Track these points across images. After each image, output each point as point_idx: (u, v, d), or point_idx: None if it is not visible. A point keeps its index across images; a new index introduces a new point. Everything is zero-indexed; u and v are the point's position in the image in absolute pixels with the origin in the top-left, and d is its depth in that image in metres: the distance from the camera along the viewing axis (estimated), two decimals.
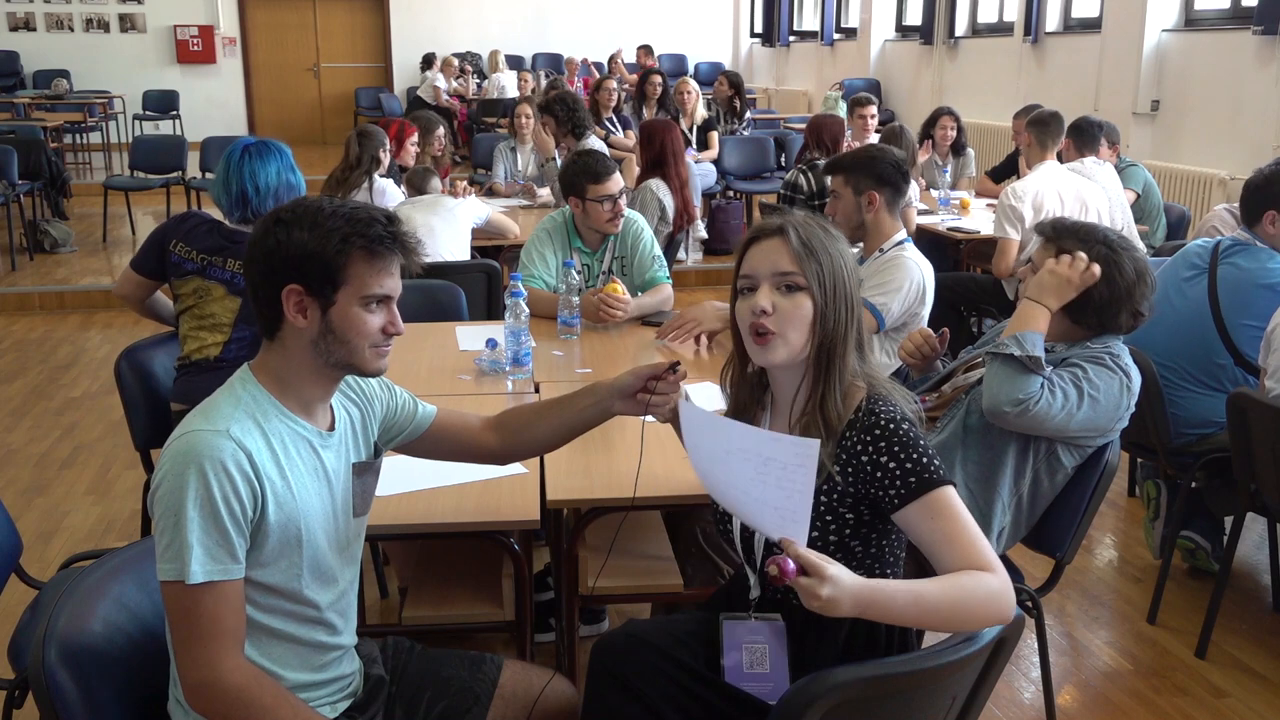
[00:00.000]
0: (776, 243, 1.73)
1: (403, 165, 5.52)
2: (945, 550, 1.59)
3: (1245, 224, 3.31)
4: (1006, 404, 2.27)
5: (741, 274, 1.77)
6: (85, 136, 12.93)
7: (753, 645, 1.74)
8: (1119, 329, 2.41)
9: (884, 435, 1.66)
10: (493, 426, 2.00)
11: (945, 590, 1.54)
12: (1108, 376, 2.32)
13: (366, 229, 1.62)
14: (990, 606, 1.54)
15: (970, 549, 1.59)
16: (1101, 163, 5.11)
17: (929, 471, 1.63)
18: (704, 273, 7.59)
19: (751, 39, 15.52)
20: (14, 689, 2.02)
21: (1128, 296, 2.36)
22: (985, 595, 1.54)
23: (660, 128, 5.50)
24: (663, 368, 1.90)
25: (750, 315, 1.72)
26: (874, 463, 1.66)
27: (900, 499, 1.63)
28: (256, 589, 1.61)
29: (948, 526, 1.60)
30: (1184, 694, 2.89)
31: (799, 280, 1.71)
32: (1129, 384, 2.35)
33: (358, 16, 15.26)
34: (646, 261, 3.64)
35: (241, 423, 1.59)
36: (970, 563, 1.57)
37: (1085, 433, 2.35)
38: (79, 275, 7.59)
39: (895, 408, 1.70)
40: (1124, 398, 2.34)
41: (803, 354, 1.73)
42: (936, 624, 1.55)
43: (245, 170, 2.99)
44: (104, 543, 3.71)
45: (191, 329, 3.12)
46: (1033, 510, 2.44)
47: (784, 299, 1.71)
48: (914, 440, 1.66)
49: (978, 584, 1.55)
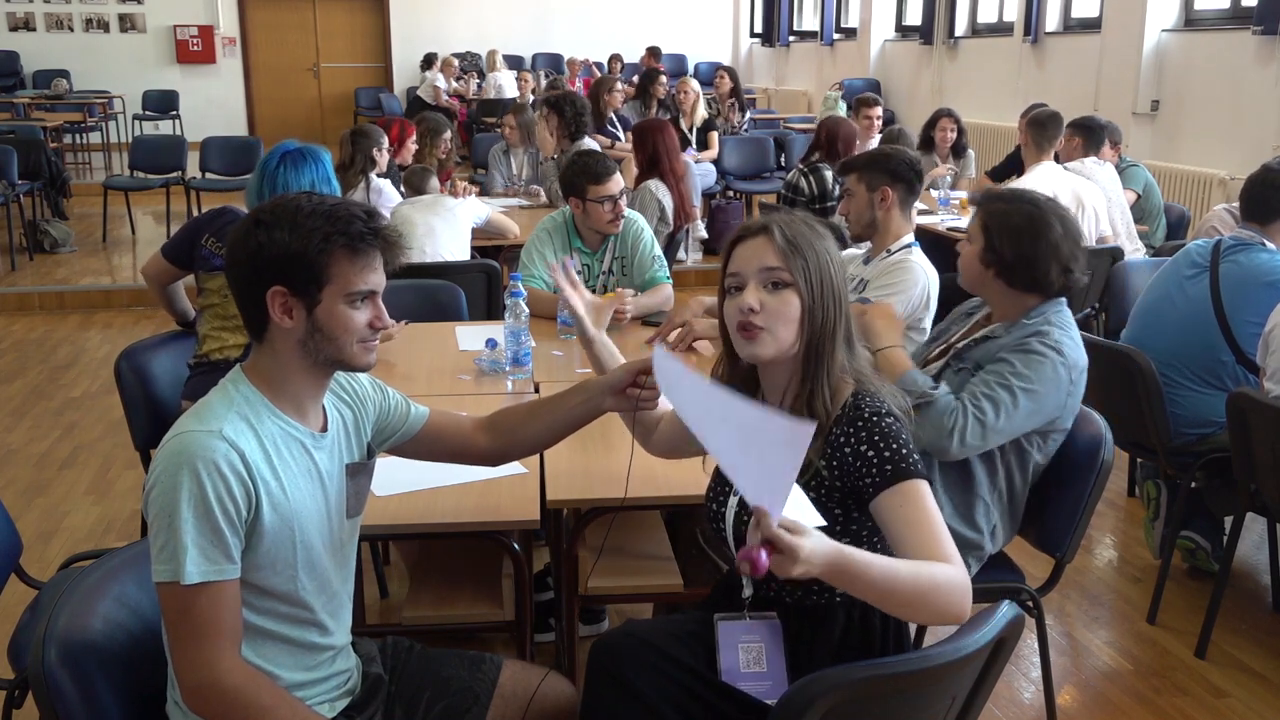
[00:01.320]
0: (762, 241, 1.73)
1: (402, 165, 5.51)
2: (911, 537, 1.59)
3: (1255, 222, 3.29)
4: (941, 445, 2.29)
5: (729, 273, 1.77)
6: (85, 136, 12.92)
7: (748, 644, 1.75)
8: (1051, 286, 2.39)
9: (866, 426, 1.68)
10: (485, 427, 2.00)
11: (916, 574, 1.52)
12: (1038, 363, 2.31)
13: (347, 226, 1.62)
14: (950, 598, 1.53)
15: (934, 540, 1.58)
16: (1102, 163, 5.12)
17: (906, 462, 1.64)
18: (704, 273, 7.58)
19: (751, 39, 15.52)
20: (14, 689, 2.02)
21: (1055, 251, 2.35)
22: (947, 586, 1.53)
23: (652, 128, 5.47)
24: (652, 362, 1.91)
25: (738, 314, 1.73)
26: (855, 452, 1.67)
27: (875, 487, 1.64)
28: (250, 590, 1.61)
29: (915, 515, 1.61)
30: (1184, 694, 2.89)
31: (785, 277, 1.71)
32: (1063, 360, 2.33)
33: (358, 16, 15.26)
34: (647, 261, 3.64)
35: (234, 423, 1.59)
36: (933, 553, 1.57)
37: (1041, 424, 2.35)
38: (79, 275, 7.59)
39: (881, 402, 1.72)
40: (1062, 374, 2.32)
41: (791, 350, 1.73)
42: (897, 604, 1.53)
43: (279, 179, 2.96)
44: (104, 543, 3.71)
45: (214, 328, 3.12)
46: (1014, 503, 2.45)
47: (771, 296, 1.72)
48: (895, 433, 1.67)
49: (948, 577, 1.54)
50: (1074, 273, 2.40)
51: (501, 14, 15.23)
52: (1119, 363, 3.22)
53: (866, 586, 1.49)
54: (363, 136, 5.03)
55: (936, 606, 1.53)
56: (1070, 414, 2.39)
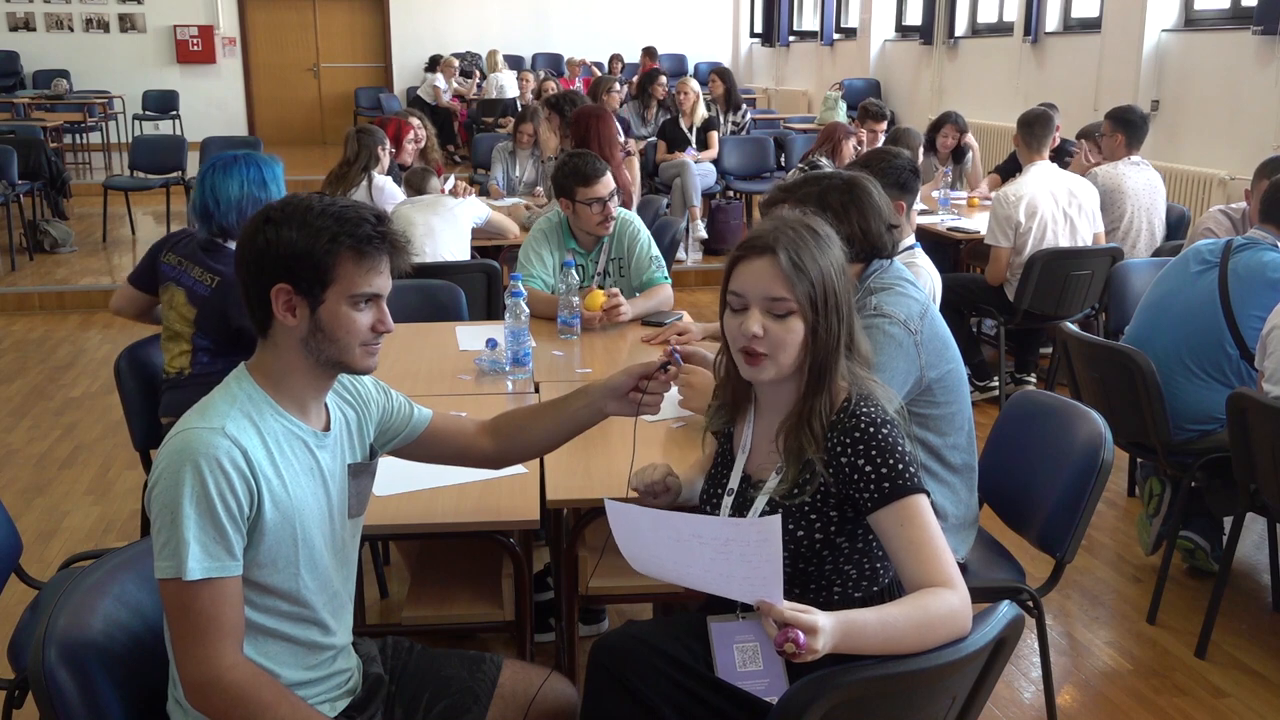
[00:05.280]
0: (766, 264, 1.71)
1: (403, 165, 5.52)
2: (910, 559, 1.62)
3: (1272, 224, 3.29)
4: None
5: (731, 290, 1.76)
6: (85, 136, 12.92)
7: (743, 643, 1.75)
8: (885, 247, 2.35)
9: (863, 439, 1.68)
10: (487, 431, 2.01)
11: (909, 615, 1.56)
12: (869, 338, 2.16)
13: (355, 228, 1.62)
14: (950, 624, 1.57)
15: (933, 561, 1.62)
16: (1138, 161, 5.06)
17: (903, 478, 1.65)
18: (704, 273, 7.59)
19: (751, 39, 15.51)
20: (14, 689, 2.02)
21: (877, 214, 2.31)
22: (946, 613, 1.57)
23: (589, 115, 5.24)
24: (654, 366, 1.91)
25: (741, 337, 1.73)
26: (852, 465, 1.67)
27: (873, 503, 1.65)
28: (252, 588, 1.61)
29: (915, 535, 1.63)
30: (1184, 694, 2.89)
31: (790, 306, 1.70)
32: (891, 319, 2.27)
33: (358, 16, 15.26)
34: (644, 262, 3.64)
35: (237, 421, 1.59)
36: (932, 575, 1.60)
37: (912, 391, 2.30)
38: (79, 275, 7.59)
39: (877, 408, 1.72)
40: (897, 334, 2.27)
41: (792, 370, 1.74)
42: (901, 649, 1.55)
43: (207, 185, 2.99)
44: (104, 543, 3.71)
45: (164, 342, 3.13)
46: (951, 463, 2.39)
47: (775, 323, 1.71)
48: (892, 445, 1.67)
49: (940, 604, 1.57)
50: (895, 225, 2.37)
51: (501, 14, 15.22)
52: (1119, 362, 3.22)
53: (868, 642, 1.53)
54: (368, 134, 5.10)
55: (937, 638, 1.56)
56: (933, 355, 2.33)
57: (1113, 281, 4.30)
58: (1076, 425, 2.44)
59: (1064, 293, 4.71)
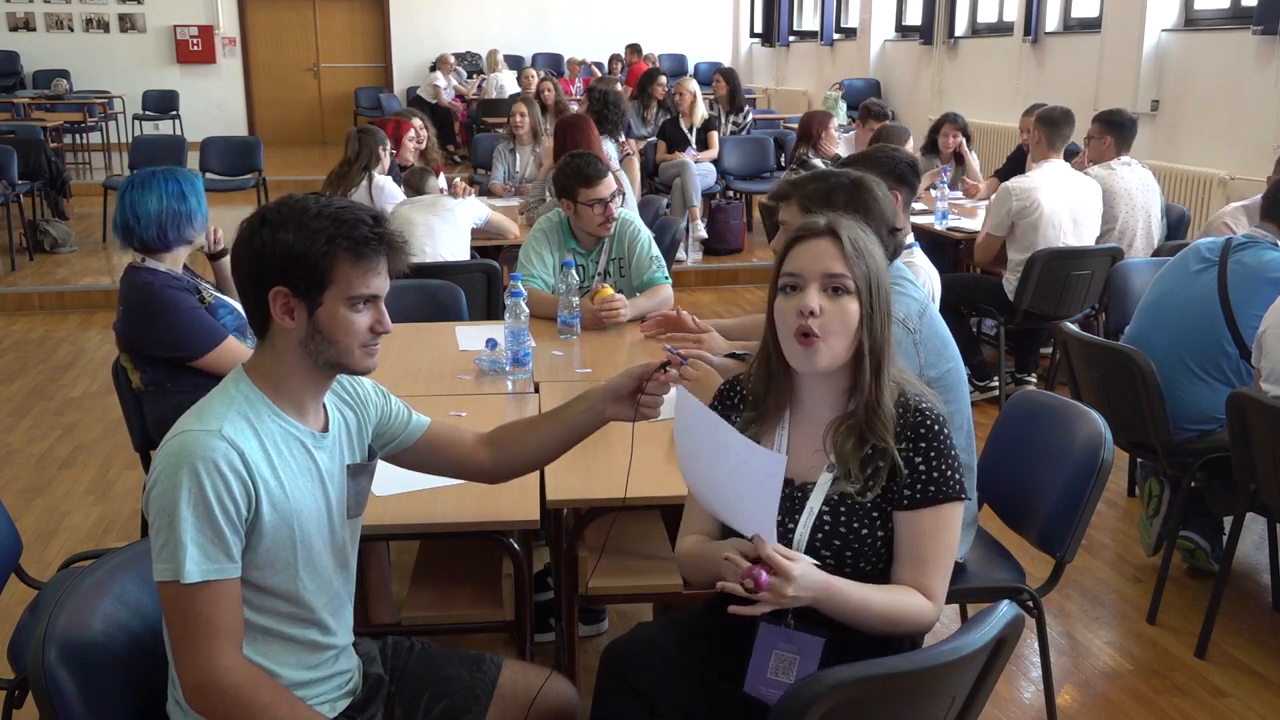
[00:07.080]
0: (826, 243, 1.71)
1: (403, 164, 5.52)
2: (918, 563, 1.68)
3: (1273, 223, 3.29)
4: None
5: (786, 271, 1.73)
6: (85, 136, 12.91)
7: (783, 653, 1.71)
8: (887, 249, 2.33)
9: (926, 435, 1.70)
10: (486, 443, 1.98)
11: (886, 606, 1.66)
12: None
13: (352, 230, 1.61)
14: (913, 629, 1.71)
15: (936, 575, 1.69)
16: (1130, 162, 5.05)
17: (949, 484, 1.68)
18: (704, 273, 7.59)
19: (751, 39, 15.50)
20: (14, 689, 2.02)
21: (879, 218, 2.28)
22: (916, 621, 1.69)
23: (572, 124, 5.33)
24: (654, 367, 1.90)
25: (796, 316, 1.69)
26: (907, 461, 1.69)
27: (913, 502, 1.67)
28: (251, 590, 1.61)
29: (935, 546, 1.68)
30: (1184, 694, 2.89)
31: (848, 284, 1.69)
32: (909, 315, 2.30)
33: (358, 16, 15.25)
34: (644, 262, 3.64)
35: (234, 422, 1.59)
36: (926, 586, 1.68)
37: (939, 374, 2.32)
38: (79, 275, 7.59)
39: (934, 407, 1.73)
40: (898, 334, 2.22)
41: (841, 362, 1.71)
42: (867, 628, 1.66)
43: (127, 201, 2.96)
44: (104, 543, 3.71)
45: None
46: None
47: (831, 302, 1.69)
48: (949, 448, 1.70)
49: (917, 611, 1.67)
50: (899, 229, 2.37)
51: (501, 14, 15.21)
52: (1119, 362, 3.22)
53: (841, 613, 1.63)
54: (369, 134, 5.13)
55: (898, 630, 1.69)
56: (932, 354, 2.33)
57: (1113, 281, 4.29)
58: (1076, 425, 2.44)
59: (1064, 292, 4.71)
